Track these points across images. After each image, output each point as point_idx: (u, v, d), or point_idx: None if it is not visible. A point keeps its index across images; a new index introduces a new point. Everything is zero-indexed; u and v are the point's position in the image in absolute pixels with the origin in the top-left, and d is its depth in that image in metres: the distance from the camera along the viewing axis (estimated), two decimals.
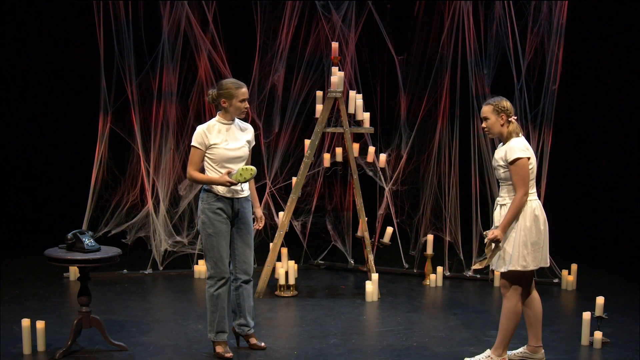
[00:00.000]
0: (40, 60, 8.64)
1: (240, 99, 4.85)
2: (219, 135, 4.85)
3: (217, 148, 4.83)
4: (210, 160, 4.86)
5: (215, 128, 4.87)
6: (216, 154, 4.83)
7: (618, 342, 5.42)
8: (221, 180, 4.76)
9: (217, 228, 4.84)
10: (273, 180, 7.33)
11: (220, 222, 4.85)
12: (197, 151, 4.84)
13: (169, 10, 7.08)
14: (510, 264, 4.60)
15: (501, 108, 4.66)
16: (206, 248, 4.88)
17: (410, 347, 5.26)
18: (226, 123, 4.90)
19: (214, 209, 4.84)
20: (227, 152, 4.84)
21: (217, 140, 4.84)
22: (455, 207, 7.30)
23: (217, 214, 4.84)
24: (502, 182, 4.70)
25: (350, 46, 7.24)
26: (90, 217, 7.10)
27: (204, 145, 4.83)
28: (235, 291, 5.05)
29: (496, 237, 4.59)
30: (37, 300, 6.27)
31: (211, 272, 4.89)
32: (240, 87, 4.87)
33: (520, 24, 6.96)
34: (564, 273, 7.00)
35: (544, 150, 6.98)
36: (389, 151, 7.34)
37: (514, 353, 4.93)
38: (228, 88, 4.85)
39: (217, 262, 4.86)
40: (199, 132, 4.84)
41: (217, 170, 4.85)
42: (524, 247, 4.57)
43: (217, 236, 4.85)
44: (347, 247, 7.52)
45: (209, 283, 4.91)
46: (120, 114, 7.21)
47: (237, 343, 5.20)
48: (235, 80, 4.95)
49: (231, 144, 4.87)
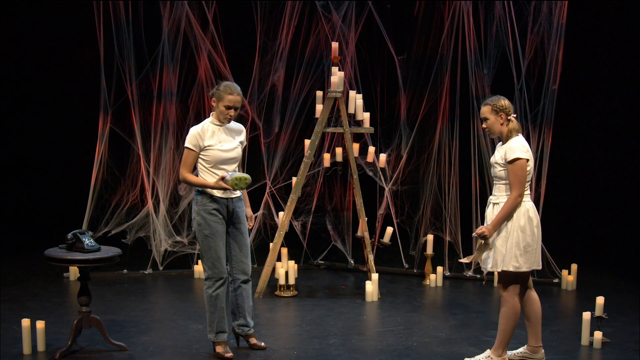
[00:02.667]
0: (40, 60, 8.65)
1: (225, 104, 4.77)
2: (213, 136, 4.81)
3: (211, 149, 4.79)
4: (204, 161, 4.82)
5: (210, 129, 4.83)
6: (211, 155, 4.80)
7: (618, 342, 5.42)
8: (216, 186, 4.74)
9: (214, 229, 4.83)
10: (273, 180, 7.33)
11: (216, 223, 4.84)
12: (190, 153, 4.79)
13: (169, 10, 7.08)
14: (502, 264, 4.60)
15: (499, 107, 4.66)
16: (203, 249, 4.86)
17: (410, 347, 5.26)
18: (219, 124, 4.86)
19: (209, 210, 4.82)
20: (221, 153, 4.81)
21: (212, 142, 4.80)
22: (455, 207, 7.30)
23: (213, 215, 4.83)
24: (496, 181, 4.70)
25: (350, 46, 7.24)
26: (90, 217, 7.10)
27: (198, 147, 4.78)
28: (234, 292, 5.05)
29: (483, 232, 4.58)
30: (37, 300, 6.27)
31: (209, 273, 4.87)
32: (230, 93, 4.77)
33: (520, 24, 6.96)
34: (564, 273, 7.00)
35: (544, 150, 6.98)
36: (389, 151, 7.34)
37: (514, 353, 4.93)
38: (219, 90, 4.80)
39: (214, 263, 4.85)
40: (193, 134, 4.79)
41: (211, 171, 4.82)
42: (517, 248, 4.57)
43: (214, 237, 4.83)
44: (347, 247, 7.52)
45: (207, 284, 4.90)
46: (120, 114, 7.21)
47: (237, 343, 5.20)
48: (231, 84, 4.84)
49: (225, 145, 4.84)
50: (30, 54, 8.62)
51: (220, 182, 4.70)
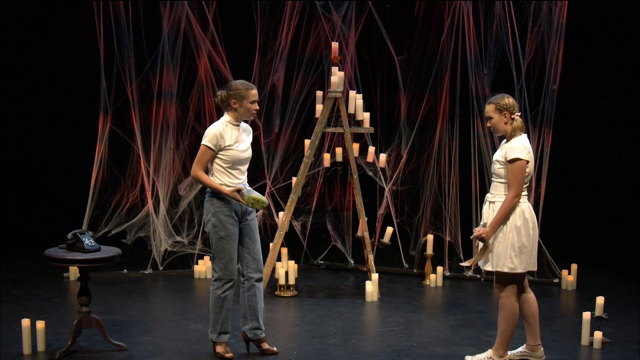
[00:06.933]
0: (40, 60, 8.64)
1: (250, 100, 4.82)
2: (232, 136, 4.81)
3: (230, 150, 4.78)
4: (222, 161, 4.80)
5: (228, 129, 4.82)
6: (230, 155, 4.79)
7: (618, 342, 5.42)
8: (230, 195, 4.73)
9: (229, 230, 4.81)
10: (273, 180, 7.33)
11: (232, 225, 4.82)
12: (208, 152, 4.77)
13: (169, 10, 7.08)
14: (497, 264, 4.61)
15: (503, 106, 4.66)
16: (216, 250, 4.82)
17: (410, 347, 5.26)
18: (236, 124, 4.86)
19: (226, 211, 4.79)
20: (239, 153, 4.82)
21: (231, 142, 4.79)
22: (455, 207, 7.30)
23: (230, 217, 4.80)
24: (495, 178, 4.70)
25: (350, 46, 7.24)
26: (90, 217, 7.10)
27: (218, 147, 4.76)
28: (247, 292, 4.96)
29: (481, 234, 4.58)
30: (37, 300, 6.26)
31: (220, 274, 4.83)
32: (250, 88, 4.84)
33: (520, 24, 6.96)
34: (564, 273, 7.00)
35: (544, 150, 6.98)
36: (389, 151, 7.34)
37: (514, 353, 4.93)
38: (238, 89, 4.81)
39: (227, 265, 4.82)
40: (214, 133, 4.76)
41: (227, 171, 4.79)
42: (512, 249, 4.56)
43: (228, 239, 4.81)
44: (347, 247, 7.52)
45: (216, 285, 4.86)
46: (120, 114, 7.21)
47: (247, 349, 5.09)
48: (245, 81, 4.91)
49: (241, 145, 4.84)
50: (30, 53, 8.61)
51: (235, 194, 4.71)
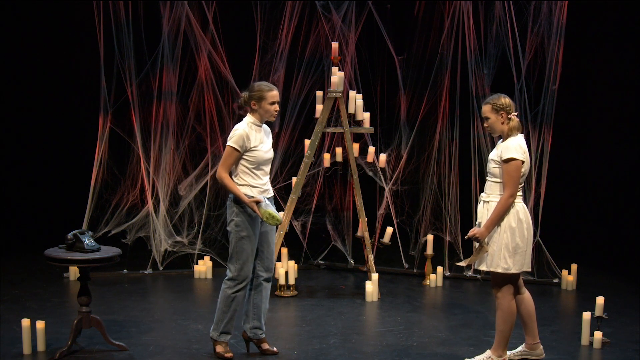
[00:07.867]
0: (40, 60, 8.64)
1: (270, 101, 4.80)
2: (256, 138, 4.81)
3: (256, 151, 4.78)
4: (248, 162, 4.79)
5: (252, 130, 4.81)
6: (255, 156, 4.78)
7: (618, 342, 5.42)
8: (248, 204, 4.73)
9: (251, 232, 4.81)
10: (273, 180, 7.33)
11: (254, 227, 4.82)
12: (234, 153, 4.75)
13: (169, 10, 7.08)
14: (491, 264, 4.61)
15: (500, 106, 4.66)
16: (235, 250, 4.81)
17: (410, 347, 5.26)
18: (259, 125, 4.86)
19: (249, 212, 4.78)
20: (264, 154, 4.82)
21: (256, 143, 4.79)
22: (455, 207, 7.30)
23: (253, 219, 4.80)
24: (489, 178, 4.69)
25: (350, 46, 7.24)
26: (90, 217, 7.10)
27: (244, 148, 4.75)
28: (254, 290, 4.96)
29: (475, 234, 4.59)
30: (37, 300, 6.27)
31: (235, 274, 4.82)
32: (271, 89, 4.83)
33: (520, 24, 6.96)
34: (564, 273, 7.00)
35: (544, 150, 6.98)
36: (389, 151, 7.34)
37: (514, 353, 4.93)
38: (259, 90, 4.81)
39: (243, 265, 4.81)
40: (240, 135, 4.75)
41: (252, 172, 4.79)
42: (506, 250, 4.57)
43: (249, 240, 4.81)
44: (347, 247, 7.52)
45: (229, 284, 4.85)
46: (120, 114, 7.21)
47: (247, 349, 5.09)
48: (266, 82, 4.95)
49: (265, 146, 4.85)
50: (30, 53, 8.61)
51: (253, 204, 4.71)
